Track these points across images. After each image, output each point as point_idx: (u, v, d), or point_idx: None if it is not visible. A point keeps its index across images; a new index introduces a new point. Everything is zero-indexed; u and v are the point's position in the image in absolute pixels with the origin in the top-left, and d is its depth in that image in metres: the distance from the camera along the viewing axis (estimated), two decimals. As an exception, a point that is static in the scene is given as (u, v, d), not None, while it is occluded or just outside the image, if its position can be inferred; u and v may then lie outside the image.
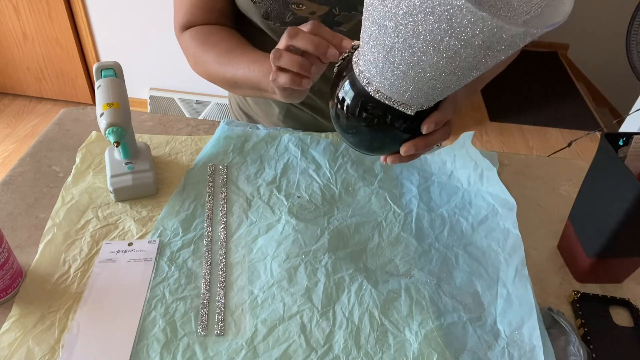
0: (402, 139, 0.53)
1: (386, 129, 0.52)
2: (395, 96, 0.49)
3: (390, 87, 0.48)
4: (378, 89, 0.49)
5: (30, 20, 2.27)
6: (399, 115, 0.51)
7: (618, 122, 2.06)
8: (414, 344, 0.53)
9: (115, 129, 0.60)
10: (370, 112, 0.51)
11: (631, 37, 1.95)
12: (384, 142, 0.54)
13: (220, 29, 0.74)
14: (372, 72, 0.49)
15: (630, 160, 0.57)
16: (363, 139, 0.55)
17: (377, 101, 0.50)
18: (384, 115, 0.51)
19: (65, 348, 0.50)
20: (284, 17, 0.70)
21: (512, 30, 0.38)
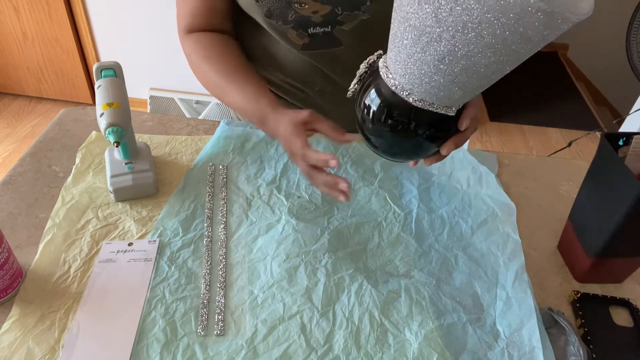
0: (440, 139, 0.54)
1: (429, 133, 0.53)
2: (440, 102, 0.50)
3: (437, 94, 0.49)
4: (421, 98, 0.50)
5: (30, 20, 2.27)
6: (440, 118, 0.52)
7: (618, 122, 2.06)
8: (414, 344, 0.53)
9: (115, 129, 0.60)
10: (415, 120, 0.52)
11: (631, 37, 1.95)
12: (424, 146, 0.55)
13: (221, 42, 0.75)
14: (414, 82, 0.49)
15: (630, 160, 0.57)
16: (405, 147, 0.56)
17: (421, 110, 0.50)
18: (428, 121, 0.52)
19: (65, 348, 0.50)
20: (287, 16, 0.70)
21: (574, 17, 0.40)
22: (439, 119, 0.52)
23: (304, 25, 0.71)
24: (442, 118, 0.52)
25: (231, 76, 0.71)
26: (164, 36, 2.26)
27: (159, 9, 2.18)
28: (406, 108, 0.51)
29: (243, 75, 0.71)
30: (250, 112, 0.69)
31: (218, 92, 0.73)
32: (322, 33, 0.72)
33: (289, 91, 0.84)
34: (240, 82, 0.70)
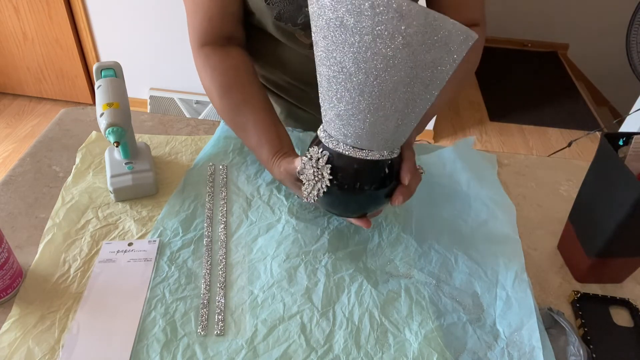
0: (383, 190, 0.55)
1: (370, 186, 0.54)
2: (371, 146, 0.51)
3: (366, 138, 0.51)
4: (353, 145, 0.52)
5: (30, 20, 2.27)
6: (376, 169, 0.53)
7: (618, 122, 2.06)
8: (414, 344, 0.53)
9: (115, 129, 0.60)
10: (361, 171, 0.53)
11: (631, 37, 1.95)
12: (368, 197, 0.55)
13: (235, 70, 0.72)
14: (343, 130, 0.51)
15: (630, 160, 0.57)
16: (351, 200, 0.56)
17: (358, 160, 0.52)
18: (366, 173, 0.53)
19: (65, 348, 0.50)
20: (296, 19, 0.70)
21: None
22: (376, 170, 0.53)
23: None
24: (379, 169, 0.53)
25: (239, 116, 0.69)
26: (164, 36, 2.26)
27: (159, 9, 2.18)
28: (345, 162, 0.52)
29: (249, 116, 0.69)
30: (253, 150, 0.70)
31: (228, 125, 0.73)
32: None
33: (290, 90, 0.84)
34: (246, 126, 0.69)
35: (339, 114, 0.50)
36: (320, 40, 0.46)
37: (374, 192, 0.54)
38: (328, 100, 0.50)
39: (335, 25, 0.44)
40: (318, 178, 0.54)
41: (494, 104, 2.81)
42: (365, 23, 0.42)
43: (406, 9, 0.41)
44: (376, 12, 0.41)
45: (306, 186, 0.56)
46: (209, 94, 0.73)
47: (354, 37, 0.43)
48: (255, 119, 0.68)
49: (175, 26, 2.22)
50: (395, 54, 0.43)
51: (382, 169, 0.53)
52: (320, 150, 0.53)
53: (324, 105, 0.52)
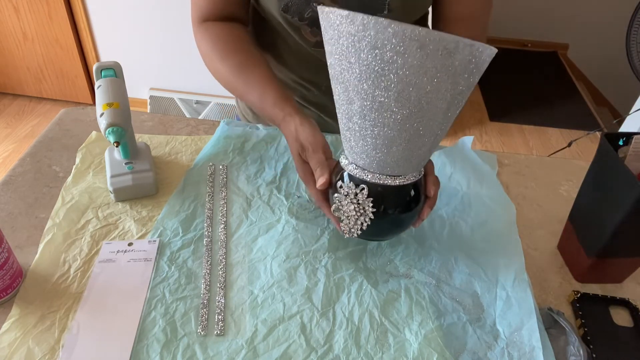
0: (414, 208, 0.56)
1: (413, 203, 0.56)
2: (409, 170, 0.53)
3: (405, 165, 0.52)
4: (383, 172, 0.52)
5: (30, 20, 2.27)
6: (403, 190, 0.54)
7: (618, 122, 2.06)
8: (414, 344, 0.53)
9: (115, 129, 0.60)
10: (403, 195, 0.54)
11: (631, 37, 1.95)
12: (409, 217, 0.56)
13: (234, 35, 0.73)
14: (384, 162, 0.51)
15: (630, 160, 0.57)
16: (394, 224, 0.57)
17: (387, 186, 0.53)
18: (411, 191, 0.55)
19: (65, 348, 0.50)
20: (303, 13, 0.70)
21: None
22: (412, 191, 0.55)
23: (318, 24, 0.72)
24: (415, 189, 0.55)
25: (242, 74, 0.70)
26: (164, 36, 2.26)
27: (159, 9, 2.18)
28: (384, 192, 0.53)
29: (251, 70, 0.70)
30: (261, 113, 0.69)
31: (231, 89, 0.73)
32: None
33: (295, 88, 0.84)
34: (249, 81, 0.69)
35: (376, 146, 0.49)
36: (355, 75, 0.45)
37: (412, 212, 0.56)
38: (359, 132, 0.49)
39: (378, 65, 0.43)
40: (360, 213, 0.54)
41: (494, 104, 2.81)
42: (413, 62, 0.42)
43: (453, 45, 0.41)
44: (426, 52, 0.42)
45: (346, 222, 0.55)
46: (209, 60, 0.73)
47: (398, 76, 0.43)
48: (258, 73, 0.69)
49: (176, 26, 2.22)
50: (439, 87, 0.44)
51: (417, 189, 0.55)
52: (357, 185, 0.53)
53: (352, 137, 0.51)
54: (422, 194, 0.56)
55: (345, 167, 0.55)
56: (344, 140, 0.53)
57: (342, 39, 0.44)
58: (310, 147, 0.60)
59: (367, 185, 0.52)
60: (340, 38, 0.45)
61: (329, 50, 0.47)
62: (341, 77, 0.47)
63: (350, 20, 0.43)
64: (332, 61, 0.47)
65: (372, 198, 0.53)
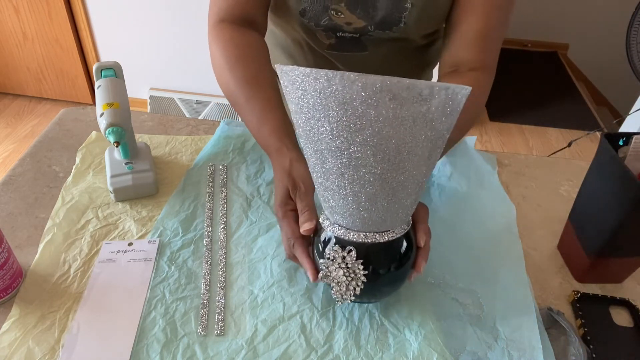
0: (406, 263, 0.52)
1: (405, 257, 0.52)
2: (397, 223, 0.49)
3: (392, 219, 0.49)
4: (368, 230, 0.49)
5: (30, 20, 2.27)
6: (406, 237, 0.51)
7: (618, 122, 2.06)
8: (414, 344, 0.53)
9: (115, 129, 0.60)
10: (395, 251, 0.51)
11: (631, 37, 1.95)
12: (403, 273, 0.53)
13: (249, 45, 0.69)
14: (368, 219, 0.48)
15: (630, 160, 0.57)
16: (389, 283, 0.53)
17: (393, 241, 0.49)
18: (402, 245, 0.51)
19: (65, 348, 0.50)
20: (320, 20, 0.70)
21: None
22: (403, 244, 0.51)
23: (334, 29, 0.72)
24: (406, 242, 0.51)
25: (246, 89, 0.65)
26: (164, 36, 2.26)
27: (159, 9, 2.18)
28: (374, 251, 0.49)
29: (257, 89, 0.65)
30: (255, 135, 0.65)
31: (233, 104, 0.68)
32: (350, 37, 0.73)
33: None
34: (251, 99, 0.64)
35: (359, 204, 0.47)
36: (327, 133, 0.43)
37: (406, 266, 0.52)
38: (338, 192, 0.47)
39: (350, 120, 0.41)
40: (351, 277, 0.50)
41: (494, 104, 2.81)
42: (388, 114, 0.40)
43: (428, 90, 0.40)
44: (400, 102, 0.40)
45: (337, 289, 0.51)
46: (217, 68, 0.69)
47: (373, 130, 0.41)
48: (264, 94, 0.64)
49: (176, 26, 2.22)
50: (418, 134, 0.42)
51: (408, 241, 0.52)
52: (343, 247, 0.49)
53: (332, 197, 0.48)
54: (414, 245, 0.52)
55: (327, 228, 0.50)
56: (323, 201, 0.50)
57: (308, 96, 0.42)
58: (302, 187, 0.55)
59: (353, 246, 0.49)
60: (306, 96, 0.42)
61: (295, 109, 0.45)
62: (312, 137, 0.44)
63: (314, 77, 0.41)
64: (300, 120, 0.45)
65: (362, 259, 0.49)
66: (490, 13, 0.68)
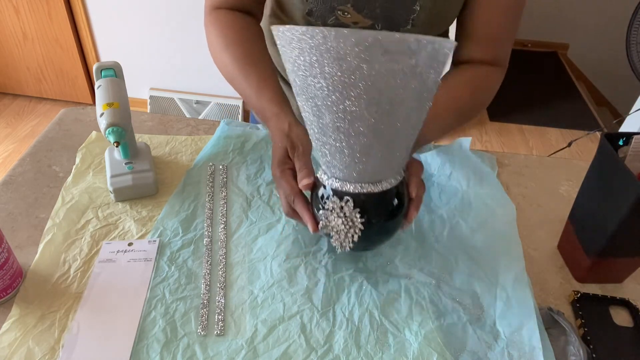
0: (398, 213, 0.55)
1: (398, 206, 0.55)
2: (390, 174, 0.53)
3: (386, 170, 0.52)
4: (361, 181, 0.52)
5: (30, 20, 2.27)
6: (398, 188, 0.54)
7: (618, 122, 2.06)
8: (414, 344, 0.53)
9: (115, 129, 0.60)
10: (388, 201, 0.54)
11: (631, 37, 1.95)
12: (397, 222, 0.56)
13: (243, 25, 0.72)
14: (363, 171, 0.51)
15: (630, 160, 0.57)
16: (384, 231, 0.56)
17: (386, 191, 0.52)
18: (395, 194, 0.54)
19: (65, 348, 0.50)
20: (327, 20, 0.70)
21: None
22: (396, 194, 0.54)
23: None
24: (398, 192, 0.54)
25: (243, 64, 0.68)
26: (164, 36, 2.26)
27: (159, 9, 2.18)
28: (369, 200, 0.52)
29: (254, 64, 0.68)
30: (255, 106, 0.67)
31: (230, 80, 0.71)
32: None
33: None
34: (248, 72, 0.67)
35: (354, 157, 0.49)
36: (323, 89, 0.45)
37: (399, 216, 0.55)
38: (334, 145, 0.49)
39: (344, 75, 0.43)
40: (349, 225, 0.53)
41: (494, 104, 2.80)
42: (380, 67, 0.42)
43: (416, 44, 0.41)
44: (391, 56, 0.41)
45: (336, 237, 0.54)
46: (213, 48, 0.71)
47: (366, 83, 0.43)
48: (261, 67, 0.67)
49: (176, 26, 2.22)
50: (408, 87, 0.44)
51: (401, 191, 0.54)
52: (341, 198, 0.52)
53: (329, 151, 0.51)
54: (406, 196, 0.55)
55: (324, 182, 0.54)
56: (321, 157, 0.53)
57: (305, 54, 0.44)
58: (301, 147, 0.58)
59: (350, 197, 0.52)
60: (302, 54, 0.44)
61: (291, 68, 0.47)
62: (308, 93, 0.47)
63: (310, 35, 0.42)
64: (296, 78, 0.47)
65: (359, 208, 0.52)
66: (501, 15, 0.70)
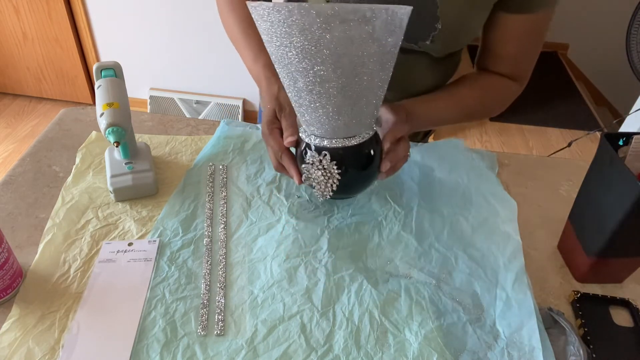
0: (371, 164, 0.61)
1: (373, 157, 0.60)
2: (363, 129, 0.58)
3: (358, 126, 0.57)
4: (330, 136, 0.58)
5: (30, 20, 2.27)
6: (371, 141, 0.59)
7: (618, 122, 2.06)
8: (413, 344, 0.53)
9: (115, 129, 0.60)
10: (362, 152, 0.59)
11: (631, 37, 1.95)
12: (372, 172, 0.61)
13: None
14: (336, 127, 0.56)
15: (630, 160, 0.57)
16: (360, 180, 0.62)
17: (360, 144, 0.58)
18: (370, 147, 0.59)
19: (65, 348, 0.50)
20: None
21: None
22: (369, 147, 0.59)
23: None
24: (371, 145, 0.59)
25: (245, 26, 0.73)
26: (164, 36, 2.26)
27: (160, 9, 2.18)
28: (344, 154, 0.58)
29: (255, 30, 0.72)
30: (249, 70, 0.72)
31: (234, 41, 0.76)
32: None
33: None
34: (249, 36, 0.72)
35: (327, 115, 0.55)
36: (294, 57, 0.50)
37: (373, 165, 0.61)
38: (310, 106, 0.55)
39: (310, 44, 0.48)
40: (328, 176, 0.59)
41: (493, 104, 2.80)
42: (340, 35, 0.47)
43: (370, 12, 0.46)
44: (348, 25, 0.47)
45: (317, 187, 0.61)
46: (220, 9, 0.77)
47: (330, 50, 0.48)
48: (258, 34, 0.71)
49: (176, 26, 2.22)
50: (368, 50, 0.49)
51: (374, 144, 0.60)
52: (320, 152, 0.58)
53: (306, 111, 0.56)
54: (379, 149, 0.61)
55: (305, 139, 0.60)
56: (300, 116, 0.59)
57: (274, 27, 0.49)
58: (287, 108, 0.63)
59: (327, 151, 0.58)
60: (273, 27, 0.49)
61: (266, 39, 0.52)
62: (282, 61, 0.52)
63: (276, 10, 0.47)
64: (271, 48, 0.52)
65: (335, 161, 0.58)
66: (524, 36, 0.71)
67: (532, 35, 0.72)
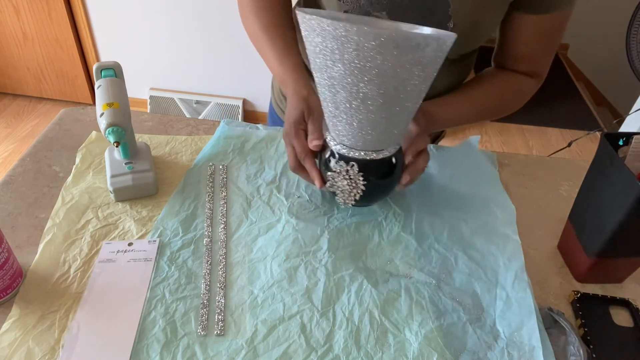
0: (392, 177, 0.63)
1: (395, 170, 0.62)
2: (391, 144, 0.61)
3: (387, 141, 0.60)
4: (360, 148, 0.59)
5: (30, 20, 2.27)
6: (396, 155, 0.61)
7: (618, 122, 2.06)
8: (414, 344, 0.53)
9: (115, 129, 0.60)
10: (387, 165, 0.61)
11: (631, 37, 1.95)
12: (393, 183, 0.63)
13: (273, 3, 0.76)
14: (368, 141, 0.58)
15: (630, 160, 0.57)
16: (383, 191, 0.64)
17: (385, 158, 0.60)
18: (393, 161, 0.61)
19: (65, 348, 0.50)
20: None
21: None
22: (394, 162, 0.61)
23: None
24: (396, 160, 0.61)
25: (270, 32, 0.73)
26: (164, 36, 2.26)
27: (160, 9, 2.18)
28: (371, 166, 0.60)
29: (281, 31, 0.73)
30: (274, 72, 0.73)
31: (255, 41, 0.76)
32: None
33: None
34: (274, 39, 0.72)
35: (361, 129, 0.56)
36: (340, 71, 0.52)
37: (395, 177, 0.63)
38: (345, 118, 0.56)
39: (360, 63, 0.50)
40: (353, 186, 0.61)
41: (493, 104, 2.80)
42: (391, 59, 0.49)
43: (423, 41, 0.48)
44: (401, 50, 0.48)
45: (340, 195, 0.63)
46: (244, 13, 0.77)
47: (378, 71, 0.50)
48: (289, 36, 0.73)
49: (176, 26, 2.22)
50: (413, 75, 0.51)
51: (398, 158, 0.62)
52: (347, 162, 0.60)
53: (339, 122, 0.58)
54: (402, 162, 0.63)
55: (333, 147, 0.61)
56: (331, 126, 0.59)
57: (327, 42, 0.50)
58: (316, 112, 0.64)
59: (356, 162, 0.59)
60: (325, 41, 0.50)
61: (313, 50, 0.53)
62: (327, 73, 0.53)
63: (334, 27, 0.48)
64: (317, 59, 0.53)
65: (362, 172, 0.59)
66: (541, 36, 0.72)
67: (550, 35, 0.72)
